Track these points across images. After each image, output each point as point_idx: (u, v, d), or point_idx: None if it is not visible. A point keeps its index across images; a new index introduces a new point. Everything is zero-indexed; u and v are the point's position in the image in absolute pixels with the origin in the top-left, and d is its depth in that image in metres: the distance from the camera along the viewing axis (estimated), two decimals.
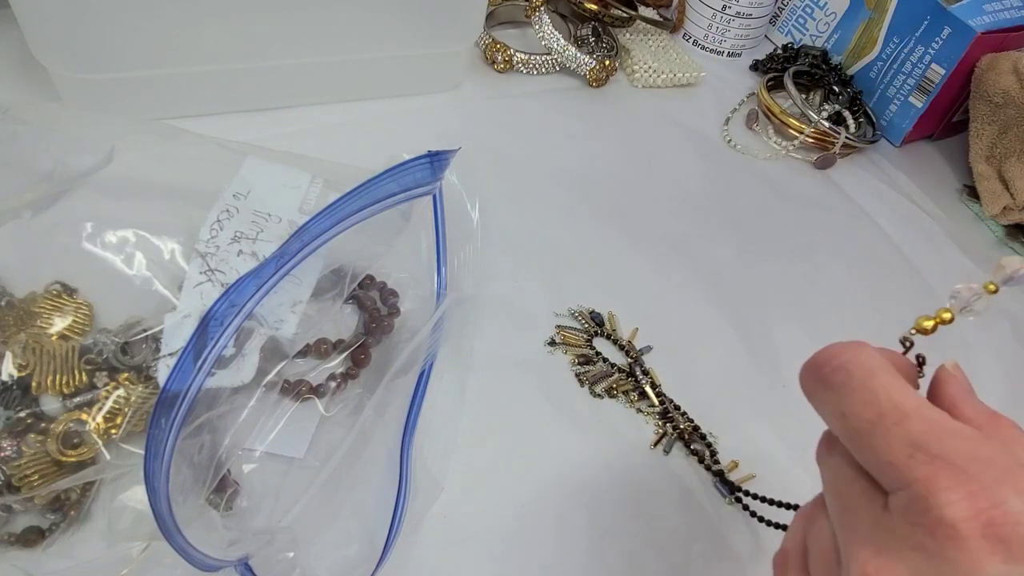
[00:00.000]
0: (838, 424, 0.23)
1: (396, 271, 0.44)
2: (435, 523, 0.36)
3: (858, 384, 0.22)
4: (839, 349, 0.23)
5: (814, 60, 0.67)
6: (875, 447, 0.21)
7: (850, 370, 0.22)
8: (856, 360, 0.23)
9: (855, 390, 0.22)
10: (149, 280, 0.37)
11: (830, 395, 0.23)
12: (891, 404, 0.21)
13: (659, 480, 0.40)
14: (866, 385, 0.22)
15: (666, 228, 0.53)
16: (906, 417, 0.21)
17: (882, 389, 0.22)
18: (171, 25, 0.45)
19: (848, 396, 0.22)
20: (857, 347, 0.23)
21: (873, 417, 0.21)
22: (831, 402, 0.23)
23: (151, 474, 0.28)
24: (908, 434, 0.20)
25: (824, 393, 0.23)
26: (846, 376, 0.22)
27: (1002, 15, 0.59)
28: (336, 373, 0.39)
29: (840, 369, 0.23)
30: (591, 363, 0.44)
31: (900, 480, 0.20)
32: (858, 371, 0.22)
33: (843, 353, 0.23)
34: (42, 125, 0.41)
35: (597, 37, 0.64)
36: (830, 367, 0.23)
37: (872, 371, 0.22)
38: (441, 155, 0.40)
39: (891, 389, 0.22)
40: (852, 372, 0.22)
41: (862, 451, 0.22)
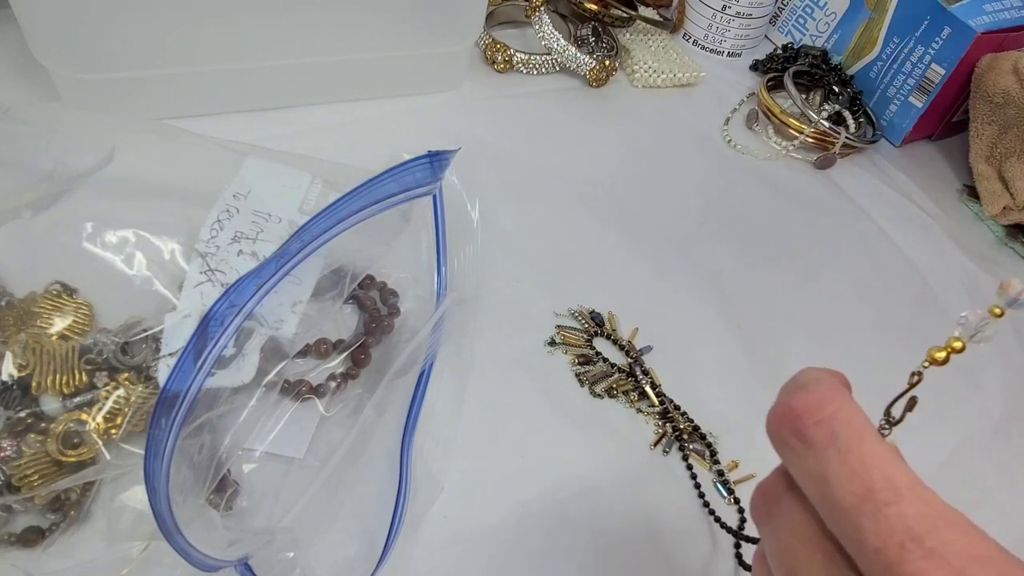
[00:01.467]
0: (814, 489, 0.19)
1: (396, 271, 0.44)
2: (435, 523, 0.36)
3: (844, 448, 0.19)
4: (822, 397, 0.20)
5: (814, 60, 0.67)
6: (860, 527, 0.18)
7: (835, 428, 0.19)
8: (842, 416, 0.20)
9: (841, 455, 0.19)
10: (149, 280, 0.37)
11: (809, 454, 0.20)
12: (883, 480, 0.18)
13: (659, 480, 0.40)
14: (854, 451, 0.19)
15: (666, 228, 0.53)
16: (900, 498, 0.18)
17: (872, 459, 0.19)
18: (171, 25, 0.45)
19: (832, 461, 0.19)
20: (842, 398, 0.20)
21: (862, 492, 0.18)
22: (809, 462, 0.20)
23: (151, 474, 0.28)
24: (901, 519, 0.18)
25: (801, 450, 0.20)
26: (830, 436, 0.19)
27: (1002, 15, 0.59)
28: (336, 373, 0.39)
29: (823, 425, 0.20)
30: (591, 363, 0.44)
31: (880, 569, 0.18)
32: (845, 431, 0.19)
33: (827, 404, 0.20)
34: (42, 125, 0.41)
35: (597, 37, 0.64)
36: (812, 420, 0.20)
37: (860, 433, 0.19)
38: (441, 155, 0.40)
39: (883, 460, 0.19)
40: (838, 431, 0.19)
41: (842, 527, 0.19)
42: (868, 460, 0.19)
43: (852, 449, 0.19)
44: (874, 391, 0.26)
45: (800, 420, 0.20)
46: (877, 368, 0.27)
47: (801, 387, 0.21)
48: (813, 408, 0.20)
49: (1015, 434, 0.46)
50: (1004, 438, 0.46)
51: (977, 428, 0.46)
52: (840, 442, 0.19)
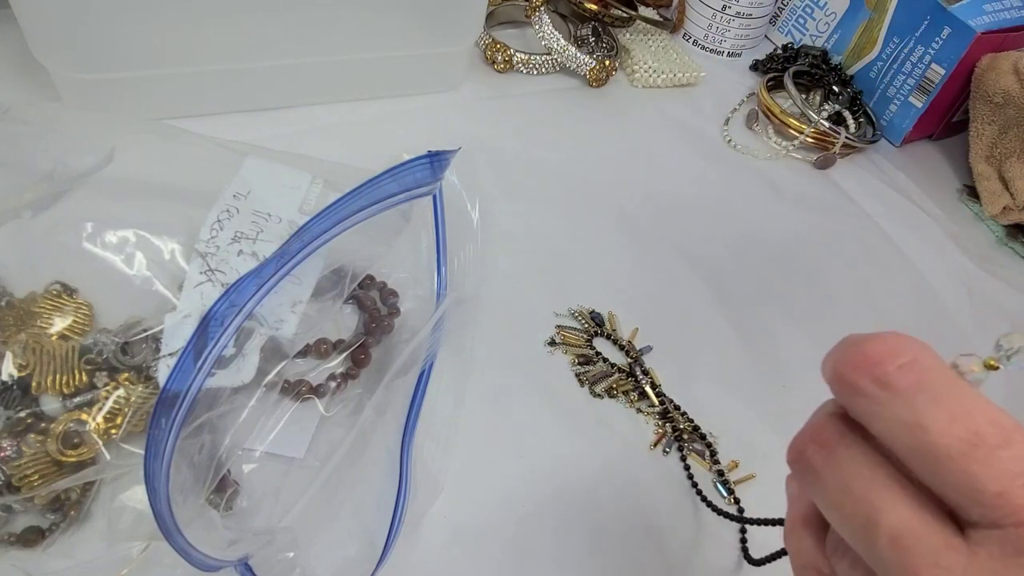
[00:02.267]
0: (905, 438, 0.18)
1: (396, 271, 0.44)
2: (435, 523, 0.36)
3: (938, 393, 0.18)
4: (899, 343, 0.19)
5: (814, 60, 0.67)
6: (972, 474, 0.17)
7: (922, 373, 0.18)
8: (927, 361, 0.18)
9: (937, 400, 0.18)
10: (149, 280, 0.37)
11: (896, 402, 0.18)
12: (989, 422, 0.17)
13: (659, 480, 0.40)
14: (950, 395, 0.18)
15: (666, 228, 0.53)
16: (1012, 440, 0.17)
17: (972, 402, 0.17)
18: (171, 25, 0.45)
19: (929, 405, 0.18)
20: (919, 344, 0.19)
21: (969, 437, 0.17)
22: (897, 410, 0.18)
23: (151, 474, 0.28)
24: (1019, 461, 0.17)
25: (885, 398, 0.18)
26: (918, 381, 0.18)
27: (1002, 15, 0.59)
28: (336, 373, 0.39)
29: (908, 370, 0.18)
30: (591, 363, 0.44)
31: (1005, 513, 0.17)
32: (933, 375, 0.18)
33: (907, 350, 0.18)
34: (42, 125, 0.41)
35: (597, 37, 0.64)
36: (894, 365, 0.18)
37: (950, 377, 0.18)
38: (441, 155, 0.40)
39: (982, 403, 0.18)
40: (926, 376, 0.18)
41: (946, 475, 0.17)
42: (967, 404, 0.17)
43: (947, 393, 0.18)
44: None
45: (880, 366, 0.18)
46: None
47: (867, 338, 0.19)
48: (893, 353, 0.18)
49: None
50: None
51: None
52: (931, 387, 0.18)
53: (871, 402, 0.18)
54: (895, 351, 0.18)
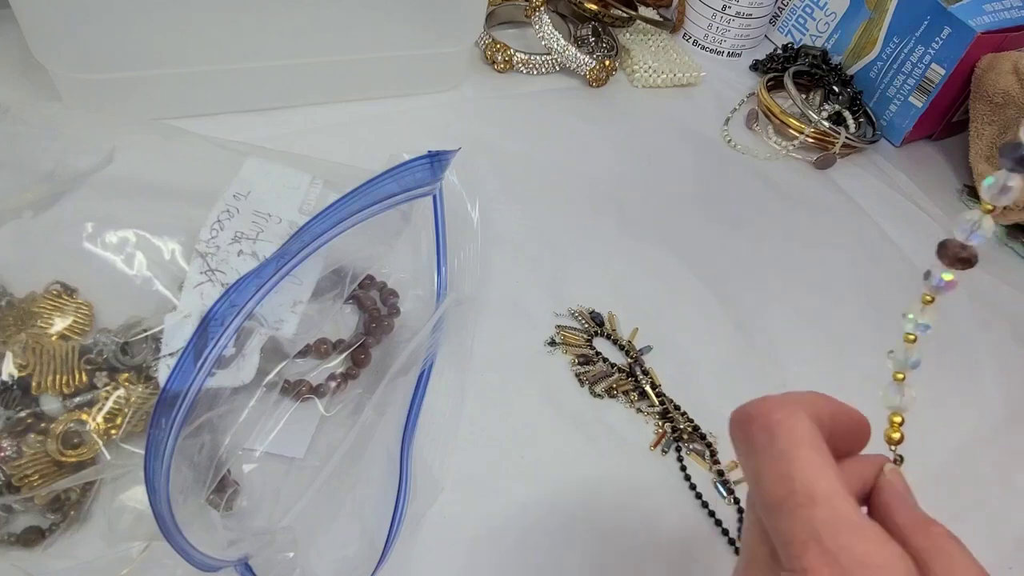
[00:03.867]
0: (752, 487, 0.22)
1: (396, 271, 0.44)
2: (435, 523, 0.36)
3: (778, 454, 0.21)
4: (772, 406, 0.22)
5: (814, 60, 0.67)
6: (778, 524, 0.20)
7: (775, 435, 0.21)
8: (785, 425, 0.21)
9: (773, 459, 0.21)
10: (149, 280, 0.37)
11: (751, 455, 0.22)
12: (803, 485, 0.20)
13: (659, 480, 0.40)
14: (785, 457, 0.21)
15: (666, 228, 0.53)
16: (813, 502, 0.20)
17: (799, 465, 0.21)
18: (171, 25, 0.45)
19: (765, 463, 0.21)
20: (793, 408, 0.22)
21: (783, 493, 0.20)
22: (750, 463, 0.22)
23: (151, 474, 0.28)
24: (811, 520, 0.20)
25: (746, 450, 0.22)
26: (769, 441, 0.21)
27: (1002, 15, 0.59)
28: (336, 373, 0.39)
29: (765, 431, 0.22)
30: (591, 363, 0.44)
31: (792, 565, 0.20)
32: (783, 438, 0.21)
33: (774, 412, 0.22)
34: (42, 125, 0.41)
35: (597, 37, 0.64)
36: (756, 425, 0.22)
37: (797, 442, 0.21)
38: (441, 155, 0.40)
39: (808, 468, 0.21)
40: (776, 438, 0.21)
41: (768, 522, 0.21)
42: (794, 466, 0.21)
43: (784, 455, 0.21)
44: (873, 391, 0.26)
45: (747, 425, 0.22)
46: (876, 367, 0.27)
47: (757, 400, 0.23)
48: (760, 414, 0.22)
49: (1015, 434, 0.46)
50: (1004, 438, 0.46)
51: (977, 428, 0.46)
52: (775, 448, 0.21)
53: (739, 453, 0.23)
54: (764, 413, 0.22)
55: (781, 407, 0.22)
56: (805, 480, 0.20)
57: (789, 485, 0.20)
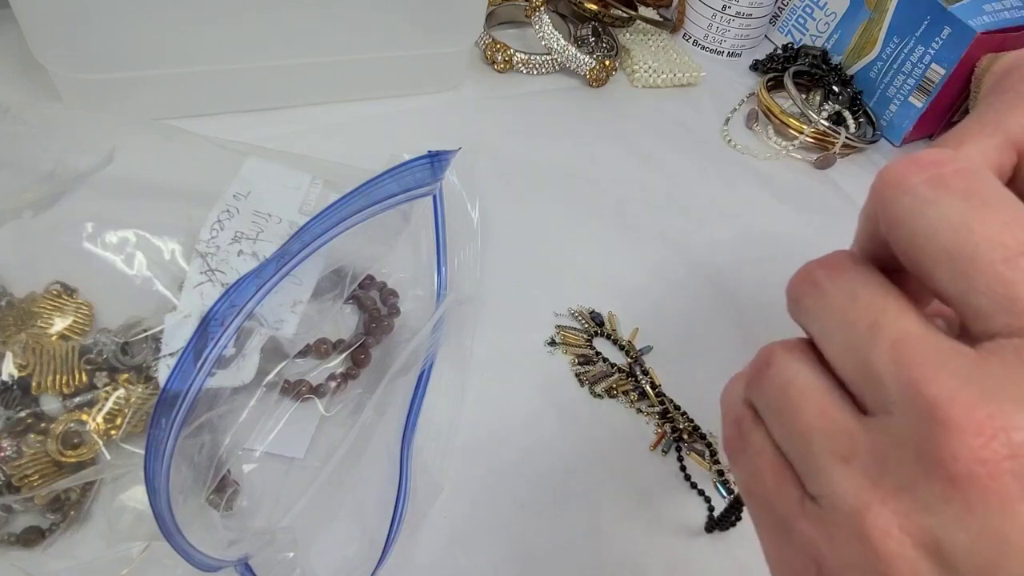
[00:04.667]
0: (950, 239, 0.17)
1: (396, 271, 0.44)
2: (435, 523, 0.36)
3: (996, 200, 0.17)
4: (954, 153, 0.18)
5: (814, 60, 0.67)
6: (1008, 280, 0.16)
7: (980, 179, 0.17)
8: (983, 173, 0.17)
9: (993, 205, 0.16)
10: (149, 280, 0.37)
11: (947, 200, 0.17)
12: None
13: (659, 480, 0.40)
14: (1006, 204, 0.17)
15: (666, 228, 0.53)
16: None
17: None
18: (171, 25, 0.45)
19: (980, 208, 0.16)
20: (976, 159, 0.18)
21: (1016, 244, 0.16)
22: (947, 208, 0.17)
23: (151, 474, 0.28)
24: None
25: (936, 196, 0.17)
26: (975, 184, 0.17)
27: (1002, 15, 0.59)
28: (336, 373, 0.39)
29: (967, 175, 0.17)
30: (591, 363, 0.44)
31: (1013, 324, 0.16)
32: (991, 186, 0.17)
33: (963, 158, 0.17)
34: (42, 125, 0.41)
35: (597, 37, 0.64)
36: (949, 168, 0.17)
37: (1006, 193, 0.17)
38: (441, 155, 0.40)
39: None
40: (983, 183, 0.17)
41: (980, 279, 0.16)
42: (1019, 212, 0.16)
43: (1000, 203, 0.17)
44: None
45: (937, 166, 0.17)
46: None
47: (921, 151, 0.18)
48: (951, 159, 0.17)
49: None
50: None
51: None
52: (986, 194, 0.17)
53: (919, 200, 0.17)
54: (952, 157, 0.17)
55: (967, 157, 0.18)
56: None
57: (1020, 235, 0.16)
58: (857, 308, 0.18)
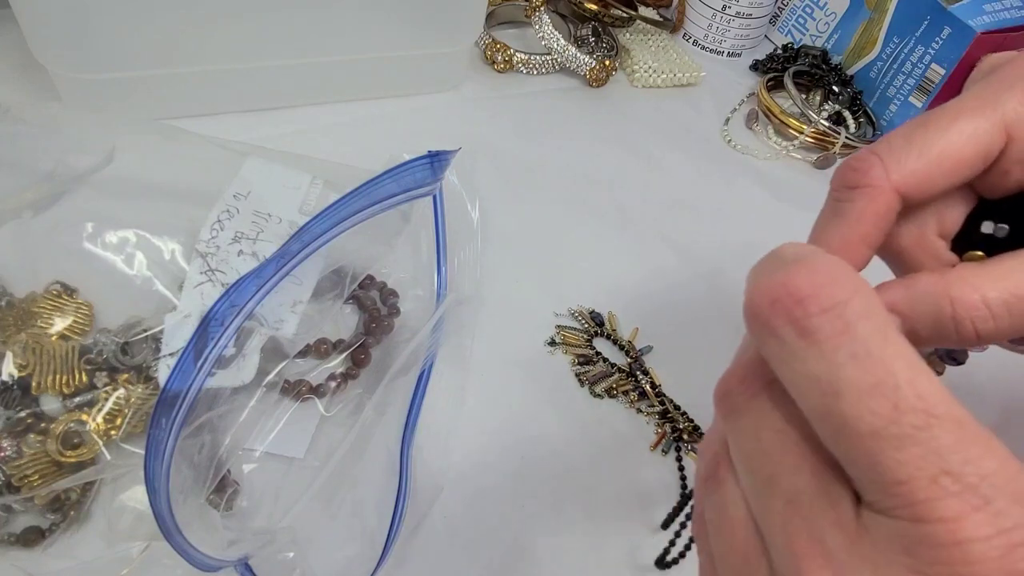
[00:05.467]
0: (814, 397, 0.15)
1: (396, 271, 0.44)
2: (435, 523, 0.36)
3: (863, 351, 0.15)
4: (832, 277, 0.15)
5: (814, 60, 0.67)
6: (879, 454, 0.14)
7: (850, 322, 0.15)
8: (858, 306, 0.15)
9: (859, 360, 0.15)
10: (149, 280, 0.37)
11: (811, 353, 0.15)
12: (915, 396, 0.14)
13: (659, 480, 0.40)
14: (875, 356, 0.15)
15: (666, 228, 0.53)
16: (934, 421, 0.14)
17: (902, 369, 0.14)
18: (171, 25, 0.45)
19: (846, 367, 0.15)
20: (856, 280, 0.16)
21: (886, 412, 0.14)
22: (811, 363, 0.15)
23: (151, 474, 0.28)
24: (935, 448, 0.14)
25: (800, 346, 0.15)
26: (843, 331, 0.15)
27: (1002, 15, 0.59)
28: (336, 373, 0.39)
29: (834, 316, 0.15)
30: (591, 363, 0.44)
31: (901, 504, 0.14)
32: (863, 327, 0.15)
33: (839, 287, 0.15)
34: (42, 125, 0.41)
35: (597, 37, 0.64)
36: (818, 307, 0.15)
37: (884, 332, 0.15)
38: (441, 155, 0.40)
39: (913, 370, 0.15)
40: (854, 326, 0.15)
41: (850, 451, 0.15)
42: (895, 372, 0.14)
43: (875, 354, 0.15)
44: None
45: (802, 305, 0.15)
46: None
47: (796, 262, 0.16)
48: (820, 291, 0.15)
49: (1014, 434, 0.46)
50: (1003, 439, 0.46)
51: None
52: (856, 342, 0.15)
53: (784, 349, 0.16)
54: (825, 287, 0.15)
55: (843, 280, 0.15)
56: (915, 389, 0.14)
57: (892, 400, 0.14)
58: (759, 454, 0.17)
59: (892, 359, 0.15)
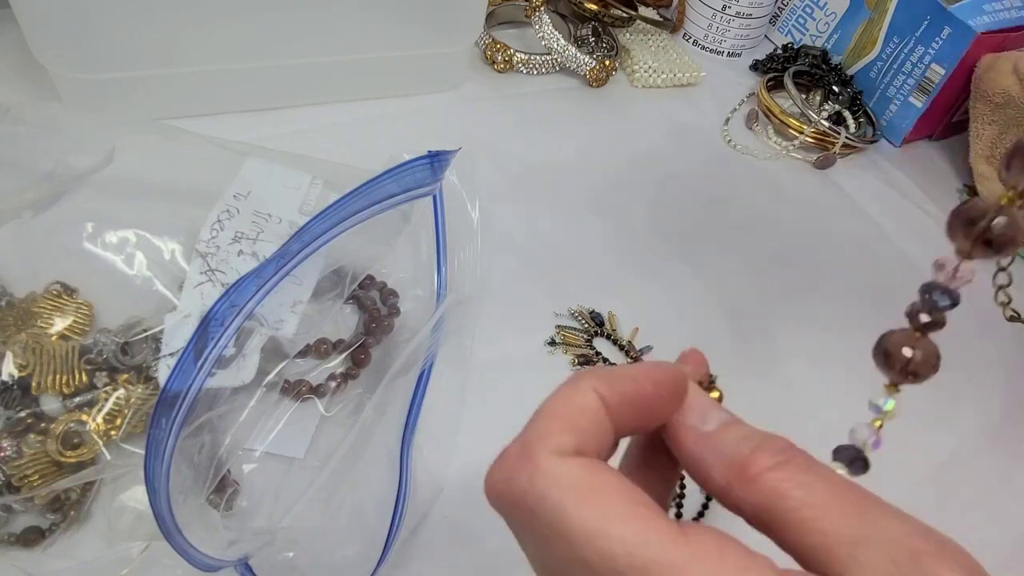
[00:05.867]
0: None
1: (396, 271, 0.44)
2: (435, 523, 0.36)
3: (562, 532, 0.18)
4: (511, 469, 0.19)
5: (814, 60, 0.67)
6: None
7: (537, 510, 0.18)
8: (543, 489, 0.18)
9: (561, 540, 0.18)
10: (149, 280, 0.37)
11: (533, 543, 0.19)
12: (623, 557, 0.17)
13: None
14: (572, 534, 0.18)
15: (666, 228, 0.53)
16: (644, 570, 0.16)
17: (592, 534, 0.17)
18: (171, 25, 0.45)
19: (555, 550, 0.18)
20: (538, 452, 0.19)
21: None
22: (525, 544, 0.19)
23: (151, 474, 0.28)
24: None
25: (527, 539, 0.19)
26: (536, 519, 0.18)
27: (1002, 15, 0.59)
28: (336, 373, 0.39)
29: (524, 509, 0.19)
30: (591, 363, 0.44)
31: None
32: (551, 510, 0.18)
33: (516, 477, 0.19)
34: (42, 125, 0.41)
35: (597, 37, 0.64)
36: (511, 505, 0.19)
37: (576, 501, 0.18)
38: (441, 155, 0.40)
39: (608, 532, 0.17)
40: (540, 512, 0.18)
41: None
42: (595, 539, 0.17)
43: (569, 533, 0.18)
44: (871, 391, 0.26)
45: (504, 507, 0.20)
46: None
47: (500, 457, 0.20)
48: (508, 488, 0.19)
49: (1014, 434, 0.46)
50: (1003, 438, 0.46)
51: (976, 428, 0.46)
52: (555, 524, 0.18)
53: (513, 525, 0.21)
54: (507, 482, 0.19)
55: (522, 462, 0.18)
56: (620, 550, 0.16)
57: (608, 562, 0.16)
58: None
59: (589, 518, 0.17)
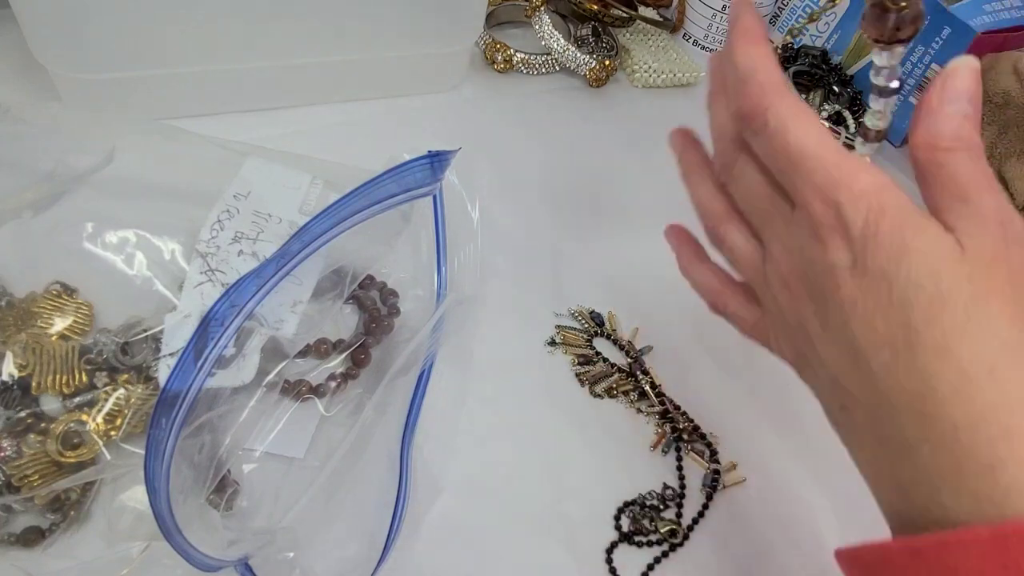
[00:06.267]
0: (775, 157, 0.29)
1: (396, 271, 0.44)
2: (435, 523, 0.36)
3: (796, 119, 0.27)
4: (761, 90, 0.29)
5: (814, 60, 0.67)
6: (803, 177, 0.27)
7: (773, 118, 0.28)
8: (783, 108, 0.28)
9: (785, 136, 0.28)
10: (149, 280, 0.37)
11: (758, 140, 0.30)
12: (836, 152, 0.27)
13: (658, 480, 0.40)
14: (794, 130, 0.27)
15: None
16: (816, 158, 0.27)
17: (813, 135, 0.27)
18: (171, 25, 0.45)
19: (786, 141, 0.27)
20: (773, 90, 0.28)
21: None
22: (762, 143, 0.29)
23: (151, 474, 0.28)
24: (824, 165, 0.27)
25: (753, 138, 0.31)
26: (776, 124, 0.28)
27: (1002, 15, 0.59)
28: (336, 373, 0.39)
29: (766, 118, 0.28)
30: (591, 363, 0.44)
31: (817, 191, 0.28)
32: (782, 117, 0.28)
33: (765, 99, 0.29)
34: (42, 125, 0.41)
35: (597, 37, 0.64)
36: (759, 120, 0.29)
37: (797, 111, 0.27)
38: (441, 155, 0.40)
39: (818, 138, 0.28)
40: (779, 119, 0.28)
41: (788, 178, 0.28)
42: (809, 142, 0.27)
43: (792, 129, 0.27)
44: None
45: (748, 120, 0.29)
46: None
47: (744, 82, 0.29)
48: (756, 107, 0.28)
49: None
50: None
51: None
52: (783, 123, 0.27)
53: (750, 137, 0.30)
54: (758, 103, 0.28)
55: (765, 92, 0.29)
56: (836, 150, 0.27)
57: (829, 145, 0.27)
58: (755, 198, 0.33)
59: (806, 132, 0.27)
